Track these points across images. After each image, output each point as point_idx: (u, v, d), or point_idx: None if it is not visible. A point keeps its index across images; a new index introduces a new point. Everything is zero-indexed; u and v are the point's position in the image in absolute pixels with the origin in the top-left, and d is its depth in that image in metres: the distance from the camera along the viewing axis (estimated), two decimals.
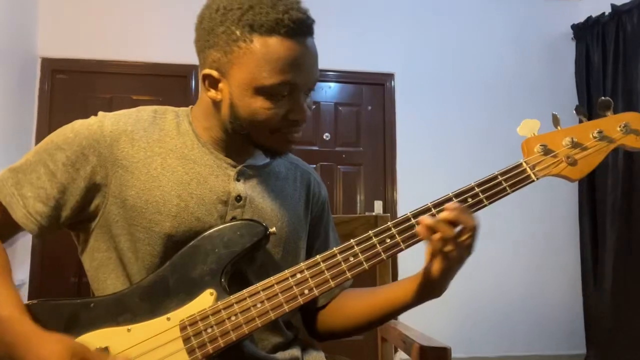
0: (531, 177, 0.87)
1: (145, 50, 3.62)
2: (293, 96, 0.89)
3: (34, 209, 0.88)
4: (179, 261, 0.87)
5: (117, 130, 0.92)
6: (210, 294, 0.85)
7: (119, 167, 0.90)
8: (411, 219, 0.85)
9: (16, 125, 3.27)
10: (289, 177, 1.06)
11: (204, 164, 0.94)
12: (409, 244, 0.85)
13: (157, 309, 0.85)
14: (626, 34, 3.67)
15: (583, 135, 0.89)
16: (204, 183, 0.93)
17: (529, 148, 0.90)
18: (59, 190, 0.89)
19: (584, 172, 0.88)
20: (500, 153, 3.89)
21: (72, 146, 0.90)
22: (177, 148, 0.94)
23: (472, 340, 3.72)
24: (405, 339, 1.16)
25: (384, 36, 3.95)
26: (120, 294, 0.87)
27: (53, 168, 0.89)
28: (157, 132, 0.95)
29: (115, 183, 0.90)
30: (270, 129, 0.90)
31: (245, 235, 0.88)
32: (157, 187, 0.90)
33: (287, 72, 0.85)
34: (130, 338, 0.83)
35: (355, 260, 0.84)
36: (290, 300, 0.83)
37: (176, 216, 0.89)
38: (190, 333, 0.83)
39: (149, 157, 0.92)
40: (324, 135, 3.89)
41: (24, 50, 3.38)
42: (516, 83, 4.05)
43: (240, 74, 0.86)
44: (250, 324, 0.83)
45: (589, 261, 3.84)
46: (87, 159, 0.89)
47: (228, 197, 0.93)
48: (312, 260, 0.85)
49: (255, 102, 0.87)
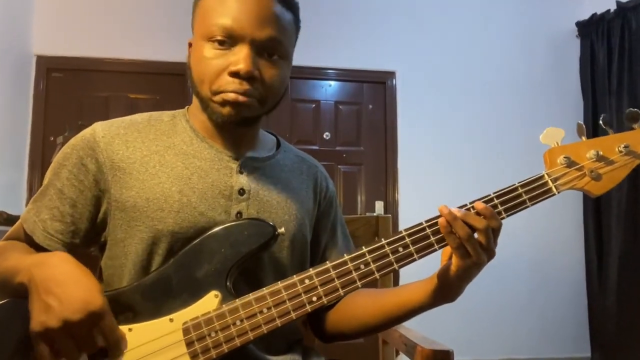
0: (552, 190, 0.85)
1: (143, 48, 3.61)
2: (236, 47, 0.89)
3: (53, 228, 0.91)
4: (183, 260, 0.86)
5: (109, 135, 0.93)
6: (215, 296, 0.83)
7: (117, 170, 0.91)
8: (426, 229, 0.83)
9: (11, 125, 3.26)
10: (294, 170, 1.05)
11: (204, 158, 0.94)
12: (423, 254, 0.83)
13: (160, 309, 0.83)
14: (631, 31, 3.66)
15: (608, 148, 0.86)
16: (206, 177, 0.92)
17: (552, 159, 0.86)
18: (70, 206, 0.91)
19: (607, 187, 0.85)
20: (504, 152, 3.86)
21: (72, 160, 0.92)
22: (175, 145, 0.95)
23: (475, 343, 3.69)
24: (407, 341, 1.15)
25: (385, 33, 3.92)
26: (122, 292, 0.85)
27: (60, 186, 0.92)
28: (153, 132, 0.96)
29: (115, 187, 0.91)
30: (210, 84, 0.89)
31: (253, 235, 0.86)
32: (157, 184, 0.90)
33: (223, 15, 0.88)
34: (131, 338, 0.81)
35: (366, 269, 0.83)
36: (298, 308, 0.82)
37: (179, 212, 0.88)
38: (193, 337, 0.81)
39: (145, 156, 0.92)
40: (324, 135, 3.86)
41: (19, 48, 3.37)
42: (520, 81, 4.03)
43: (196, 27, 0.93)
44: (256, 331, 0.81)
45: (594, 263, 3.82)
46: (87, 169, 0.92)
47: (231, 191, 0.93)
48: (322, 267, 0.84)
49: (201, 50, 0.90)
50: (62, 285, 0.76)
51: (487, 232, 0.79)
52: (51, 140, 3.41)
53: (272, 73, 0.91)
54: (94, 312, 0.75)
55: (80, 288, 0.76)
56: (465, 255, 0.80)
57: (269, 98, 0.92)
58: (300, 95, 3.87)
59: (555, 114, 3.87)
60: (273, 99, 0.93)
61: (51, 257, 0.81)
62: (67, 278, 0.77)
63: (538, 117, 3.88)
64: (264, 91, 0.90)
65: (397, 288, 0.96)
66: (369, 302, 0.98)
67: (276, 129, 4.51)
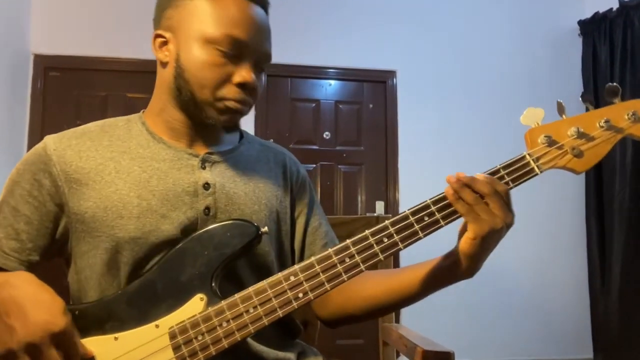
0: (534, 170, 0.83)
1: (140, 47, 3.57)
2: (240, 59, 0.90)
3: (8, 247, 0.89)
4: (166, 265, 0.85)
5: (61, 147, 0.92)
6: (201, 299, 0.83)
7: (72, 182, 0.90)
8: (409, 217, 0.82)
9: (8, 124, 3.26)
10: (260, 159, 1.04)
11: (162, 159, 0.93)
12: (407, 243, 0.82)
13: (145, 315, 0.83)
14: (634, 29, 3.67)
15: (589, 124, 0.86)
16: (165, 178, 0.91)
17: (533, 139, 0.86)
18: (25, 223, 0.89)
19: (590, 163, 0.84)
20: (505, 151, 3.83)
21: (25, 176, 0.91)
22: (130, 149, 0.93)
23: (475, 344, 3.69)
24: (408, 343, 1.15)
25: (386, 33, 3.92)
26: (107, 300, 0.85)
27: (14, 204, 0.90)
28: (107, 139, 0.94)
29: (72, 199, 0.89)
30: (214, 90, 0.90)
31: (236, 236, 0.85)
32: (114, 191, 0.89)
33: (235, 27, 0.89)
34: (117, 347, 0.81)
35: (351, 261, 0.82)
36: (284, 305, 0.81)
37: (139, 217, 0.87)
38: (180, 341, 0.81)
39: (100, 165, 0.91)
40: (324, 134, 3.85)
41: (17, 46, 3.37)
42: (521, 80, 4.02)
43: (191, 26, 0.90)
44: (243, 331, 0.81)
45: (596, 263, 3.82)
46: (41, 184, 0.90)
47: (195, 187, 0.91)
48: (307, 262, 0.83)
49: (203, 54, 0.89)
50: (23, 307, 0.76)
51: (495, 195, 0.78)
52: None
53: (260, 84, 0.96)
54: (56, 333, 0.75)
55: (41, 309, 0.76)
56: (478, 219, 0.79)
57: (254, 103, 0.97)
58: (300, 95, 3.85)
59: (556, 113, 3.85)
60: None
61: (13, 277, 0.81)
62: (29, 300, 0.77)
63: None
64: (254, 100, 0.95)
65: (411, 266, 0.94)
66: (379, 282, 0.96)
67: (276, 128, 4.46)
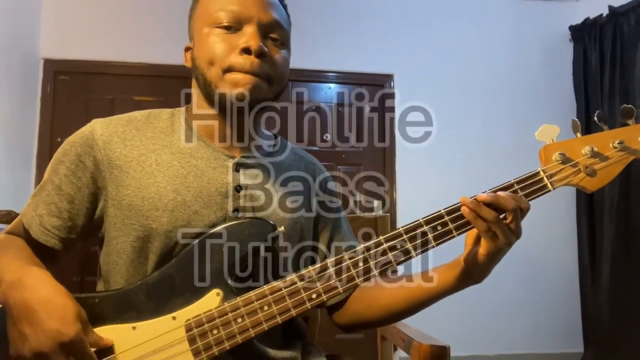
0: (548, 186, 0.84)
1: (147, 51, 3.62)
2: (241, 28, 0.92)
3: (50, 224, 0.91)
4: (185, 259, 0.86)
5: (107, 133, 0.93)
6: (217, 294, 0.84)
7: (114, 168, 0.91)
8: (423, 225, 0.83)
9: (19, 126, 3.28)
10: (292, 167, 1.04)
11: (201, 156, 0.94)
12: (420, 251, 0.84)
13: (163, 307, 0.84)
14: (623, 35, 3.68)
15: (603, 144, 0.85)
16: (202, 176, 0.92)
17: (547, 155, 0.86)
18: (67, 202, 0.92)
19: (602, 183, 0.85)
20: (499, 153, 3.92)
21: (70, 156, 0.92)
22: (172, 144, 0.95)
23: (470, 338, 3.72)
24: (405, 337, 1.16)
25: (384, 37, 3.96)
26: (126, 290, 0.86)
27: (58, 182, 0.92)
28: (151, 130, 0.96)
29: (112, 185, 0.91)
30: (221, 63, 0.90)
31: (253, 234, 0.86)
32: (153, 183, 0.90)
33: (230, 2, 0.92)
34: (135, 336, 0.83)
35: (364, 265, 0.83)
36: (298, 305, 0.83)
37: (173, 211, 0.88)
38: (195, 334, 0.82)
39: (142, 155, 0.92)
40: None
41: (27, 51, 3.38)
42: (514, 84, 4.06)
43: (199, 23, 0.95)
44: (257, 327, 0.82)
45: (587, 259, 3.83)
46: (85, 166, 0.92)
47: (227, 189, 0.92)
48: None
49: (207, 37, 0.92)
50: (35, 314, 0.75)
51: (516, 213, 0.80)
52: (58, 141, 3.41)
53: (278, 53, 0.94)
54: (66, 343, 0.75)
55: (53, 317, 0.75)
56: (495, 238, 0.81)
57: (276, 78, 0.93)
58: (301, 98, 3.93)
59: (549, 116, 3.91)
60: (279, 81, 0.94)
61: (27, 277, 0.79)
62: (41, 305, 0.76)
63: (532, 119, 3.93)
64: (272, 70, 0.92)
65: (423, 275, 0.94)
66: (394, 290, 0.96)
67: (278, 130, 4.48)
